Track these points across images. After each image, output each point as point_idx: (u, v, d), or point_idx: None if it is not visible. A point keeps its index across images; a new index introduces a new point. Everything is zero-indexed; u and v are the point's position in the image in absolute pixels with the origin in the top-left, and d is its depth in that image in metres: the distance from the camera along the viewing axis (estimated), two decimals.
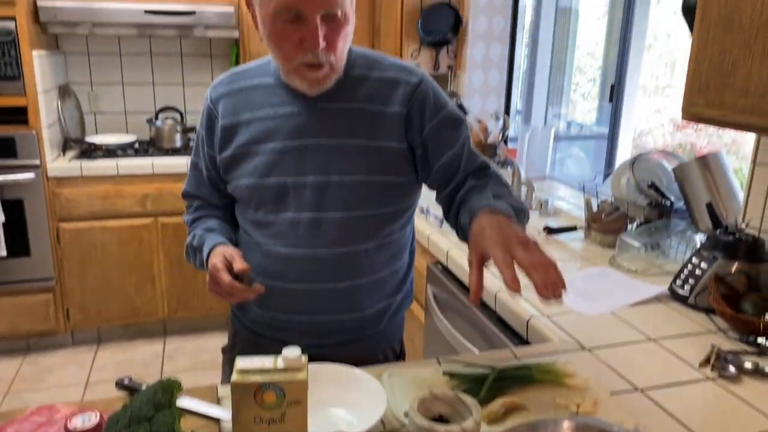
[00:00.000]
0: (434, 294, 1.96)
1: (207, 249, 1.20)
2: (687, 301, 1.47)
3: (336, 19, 1.08)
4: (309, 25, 1.06)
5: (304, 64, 1.10)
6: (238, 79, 1.25)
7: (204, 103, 1.28)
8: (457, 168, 1.22)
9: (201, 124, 1.29)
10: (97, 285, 3.08)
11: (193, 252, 1.28)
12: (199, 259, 1.25)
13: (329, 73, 1.12)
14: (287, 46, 1.09)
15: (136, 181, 3.03)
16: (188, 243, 1.29)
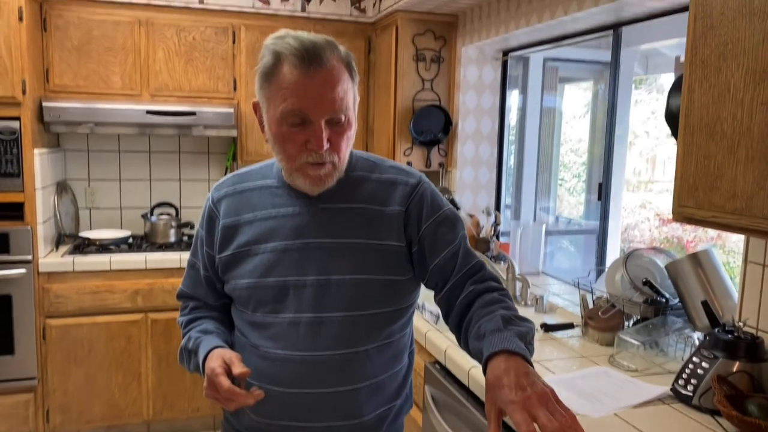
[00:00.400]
0: (432, 395, 1.91)
1: (203, 352, 1.17)
2: (691, 401, 1.44)
3: (340, 123, 1.13)
4: (314, 128, 1.10)
5: (307, 163, 1.13)
6: (240, 180, 1.28)
7: (205, 203, 1.30)
8: (453, 267, 1.22)
9: (201, 224, 1.30)
10: (80, 384, 2.98)
11: (187, 355, 1.24)
12: (194, 363, 1.22)
13: (332, 171, 1.16)
14: (292, 147, 1.13)
15: (128, 276, 3.01)
16: (182, 345, 1.26)
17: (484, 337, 1.05)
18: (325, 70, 1.09)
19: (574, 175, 4.92)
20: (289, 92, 1.09)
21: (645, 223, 5.63)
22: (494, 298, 1.16)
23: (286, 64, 1.09)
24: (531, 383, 0.91)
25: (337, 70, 1.11)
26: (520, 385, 0.91)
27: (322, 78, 1.09)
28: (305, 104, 1.09)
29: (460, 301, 1.19)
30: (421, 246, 1.21)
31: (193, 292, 1.32)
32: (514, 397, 0.89)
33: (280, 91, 1.10)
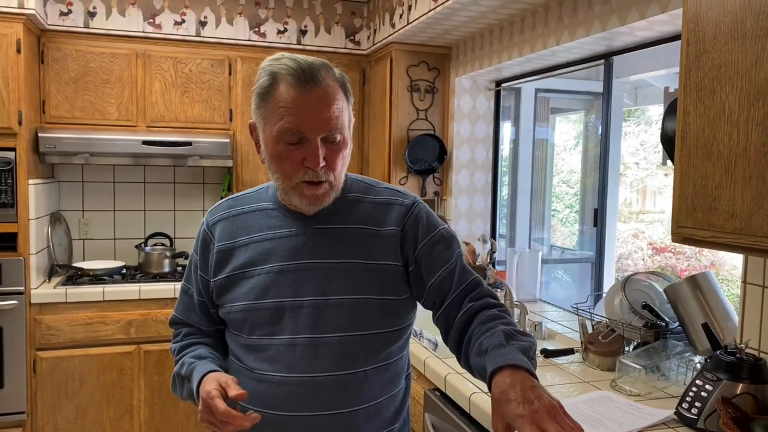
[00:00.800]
0: (433, 423, 1.88)
1: (198, 377, 1.15)
2: (696, 424, 1.43)
3: (336, 141, 1.14)
4: (311, 146, 1.12)
5: (303, 182, 1.14)
6: (235, 204, 1.28)
7: (199, 228, 1.30)
8: (450, 285, 1.22)
9: (195, 249, 1.29)
10: (71, 418, 2.91)
11: (180, 381, 1.23)
12: (187, 389, 1.20)
13: (328, 190, 1.16)
14: (288, 166, 1.14)
15: (121, 306, 2.97)
16: (176, 372, 1.24)
17: (486, 353, 1.04)
18: (321, 88, 1.11)
19: (566, 205, 4.96)
20: (286, 111, 1.10)
21: (638, 253, 5.65)
22: (493, 315, 1.15)
23: (282, 83, 1.11)
24: (538, 396, 0.90)
25: (333, 89, 1.13)
26: (527, 399, 0.90)
27: (318, 96, 1.10)
28: (302, 122, 1.10)
29: (458, 318, 1.18)
30: (418, 265, 1.22)
31: (187, 318, 1.31)
32: (522, 411, 0.89)
33: (277, 110, 1.11)
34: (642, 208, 6.05)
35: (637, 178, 5.80)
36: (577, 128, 4.40)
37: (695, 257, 5.04)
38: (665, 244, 5.41)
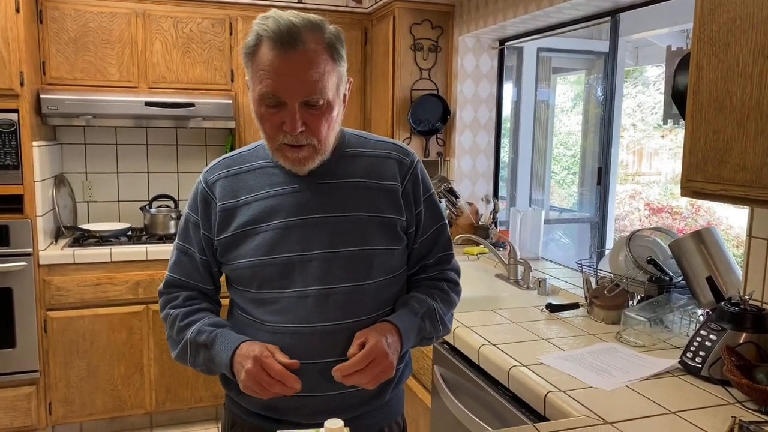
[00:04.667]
0: (442, 375, 1.93)
1: (230, 345, 1.16)
2: (700, 372, 1.48)
3: (317, 105, 1.13)
4: (288, 111, 1.12)
5: (284, 144, 1.16)
6: (233, 164, 1.28)
7: (196, 187, 1.28)
8: (429, 251, 1.32)
9: (193, 208, 1.27)
10: (83, 376, 2.97)
11: (195, 349, 1.21)
12: (205, 357, 1.20)
13: (311, 153, 1.17)
14: (269, 127, 1.15)
15: (128, 267, 3.00)
16: (190, 338, 1.21)
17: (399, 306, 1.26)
18: (300, 52, 1.09)
19: (563, 167, 4.98)
20: (265, 74, 1.10)
21: (635, 214, 5.70)
22: (441, 288, 1.31)
23: (264, 45, 1.11)
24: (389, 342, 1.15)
25: (314, 52, 1.10)
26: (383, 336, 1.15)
27: (297, 61, 1.09)
28: (279, 86, 1.10)
29: (419, 280, 1.33)
30: (417, 226, 1.28)
31: (188, 279, 1.28)
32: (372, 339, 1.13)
33: (258, 72, 1.12)
34: (638, 170, 6.08)
35: (634, 140, 5.81)
36: (575, 90, 4.39)
37: (692, 217, 5.09)
38: (662, 204, 5.45)
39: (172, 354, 1.26)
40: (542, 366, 1.57)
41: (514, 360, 1.61)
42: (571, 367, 1.56)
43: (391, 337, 1.16)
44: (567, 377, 1.50)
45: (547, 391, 1.42)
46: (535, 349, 1.69)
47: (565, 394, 1.40)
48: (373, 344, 1.11)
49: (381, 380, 1.13)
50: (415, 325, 1.22)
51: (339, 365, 1.10)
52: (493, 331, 1.86)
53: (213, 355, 1.18)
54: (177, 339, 1.24)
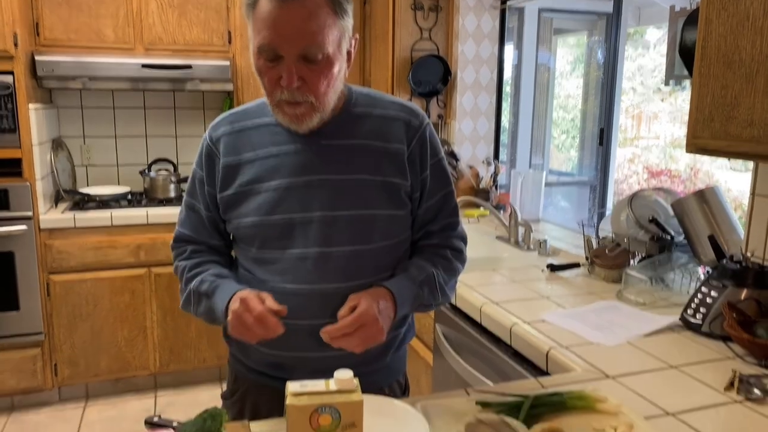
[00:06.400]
0: (444, 333, 1.95)
1: (227, 293, 1.17)
2: (700, 329, 1.49)
3: (316, 60, 1.09)
4: (286, 65, 1.09)
5: (283, 101, 1.13)
6: (237, 119, 1.26)
7: (202, 143, 1.27)
8: (434, 217, 1.29)
9: (199, 164, 1.27)
10: (87, 338, 3.00)
11: (197, 298, 1.23)
12: (206, 306, 1.21)
13: (309, 111, 1.14)
14: (267, 82, 1.13)
15: (129, 231, 3.00)
16: (193, 288, 1.23)
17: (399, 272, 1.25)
18: (298, 3, 1.06)
19: (562, 131, 4.96)
20: (263, 25, 1.07)
21: (633, 177, 5.70)
22: (444, 256, 1.28)
23: None
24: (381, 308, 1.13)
25: (314, 3, 1.07)
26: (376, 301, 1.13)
27: (294, 12, 1.06)
28: (276, 39, 1.07)
29: (423, 244, 1.30)
30: (422, 190, 1.25)
31: (196, 235, 1.28)
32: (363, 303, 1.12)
33: (256, 24, 1.09)
34: (636, 135, 6.06)
35: (633, 104, 5.77)
36: (574, 53, 4.34)
37: (690, 180, 5.09)
38: (661, 168, 5.45)
39: (180, 304, 1.29)
40: (544, 323, 1.59)
41: (516, 318, 1.62)
42: (572, 324, 1.57)
43: (384, 303, 1.15)
44: (569, 334, 1.51)
45: (549, 347, 1.44)
46: (537, 308, 1.71)
47: (567, 350, 1.42)
48: (364, 309, 1.10)
49: (369, 345, 1.12)
50: (412, 292, 1.21)
51: (327, 327, 1.09)
52: (494, 290, 1.87)
53: (212, 303, 1.19)
54: (184, 289, 1.26)
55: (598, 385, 1.22)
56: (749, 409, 1.16)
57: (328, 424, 0.78)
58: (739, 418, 1.13)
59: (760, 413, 1.14)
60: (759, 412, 1.15)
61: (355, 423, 0.79)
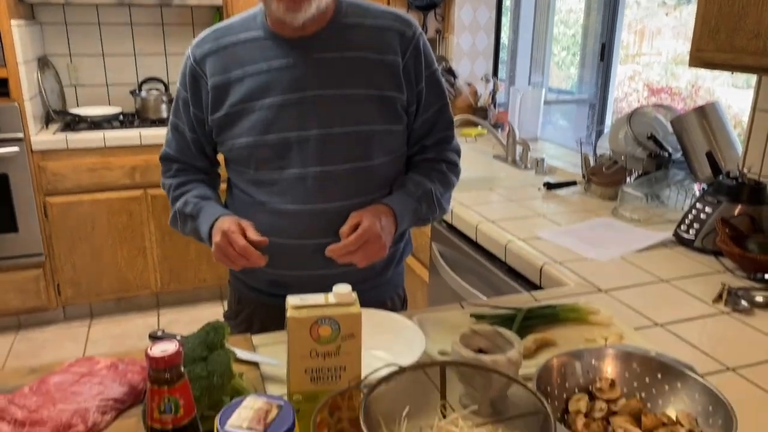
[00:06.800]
0: (440, 251, 1.98)
1: (210, 219, 1.17)
2: (693, 244, 1.52)
3: None
4: None
5: None
6: (222, 35, 1.20)
7: (185, 62, 1.23)
8: (430, 130, 1.27)
9: (183, 84, 1.23)
10: (87, 259, 3.04)
11: (183, 219, 1.24)
12: (191, 227, 1.23)
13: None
14: None
15: (123, 153, 2.97)
16: (178, 208, 1.24)
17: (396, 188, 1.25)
18: None
19: (562, 47, 4.82)
20: None
21: (633, 95, 5.62)
22: (440, 170, 1.28)
23: None
24: (383, 224, 1.14)
25: None
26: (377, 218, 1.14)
27: None
28: None
29: (419, 159, 1.29)
30: (418, 103, 1.23)
31: (181, 155, 1.27)
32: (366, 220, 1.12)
33: None
34: (638, 51, 5.91)
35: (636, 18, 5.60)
36: None
37: (691, 98, 5.02)
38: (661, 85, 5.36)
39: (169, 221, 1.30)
40: (539, 240, 1.61)
41: (511, 235, 1.64)
42: (567, 240, 1.59)
43: (385, 219, 1.16)
44: (563, 250, 1.54)
45: (543, 262, 1.46)
46: (532, 225, 1.72)
47: (561, 265, 1.44)
48: (367, 226, 1.11)
49: (373, 261, 1.14)
50: (411, 207, 1.22)
51: (332, 246, 1.10)
52: (490, 209, 1.88)
53: (196, 226, 1.21)
54: (172, 207, 1.27)
55: (590, 299, 1.25)
56: (735, 319, 1.19)
57: (328, 335, 0.79)
58: (725, 328, 1.17)
59: (746, 323, 1.18)
60: (745, 322, 1.18)
61: (354, 334, 0.81)
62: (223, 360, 0.82)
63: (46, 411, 0.84)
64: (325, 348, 0.80)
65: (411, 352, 0.99)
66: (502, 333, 0.95)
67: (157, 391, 0.59)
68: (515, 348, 0.91)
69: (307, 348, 0.80)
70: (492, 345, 0.96)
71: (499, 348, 0.95)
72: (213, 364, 0.81)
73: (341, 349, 0.81)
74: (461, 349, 0.91)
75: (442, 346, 1.05)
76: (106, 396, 0.89)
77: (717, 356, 1.06)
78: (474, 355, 0.89)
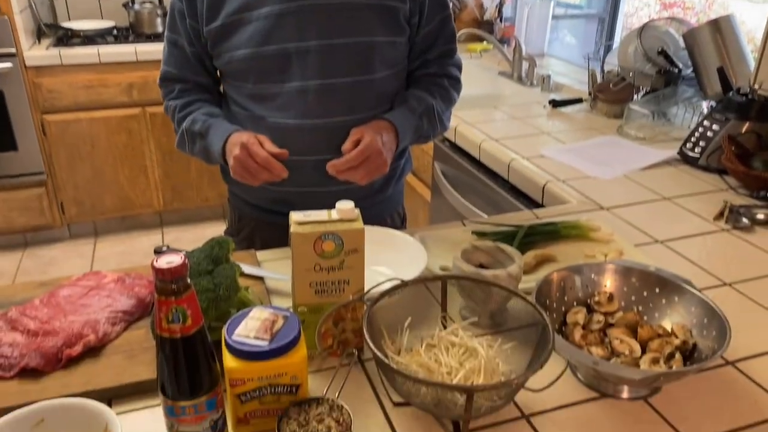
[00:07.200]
0: (442, 171, 1.97)
1: (223, 134, 1.14)
2: (698, 162, 1.51)
3: None
4: None
5: None
6: None
7: None
8: (432, 44, 1.23)
9: None
10: (89, 178, 3.04)
11: (191, 138, 1.20)
12: (200, 146, 1.19)
13: None
14: None
15: (119, 69, 2.90)
16: (185, 128, 1.20)
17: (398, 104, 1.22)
18: None
19: None
20: None
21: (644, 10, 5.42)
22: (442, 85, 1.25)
23: None
24: (385, 140, 1.12)
25: None
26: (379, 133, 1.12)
27: None
28: None
29: (420, 73, 1.26)
30: (420, 15, 1.18)
31: (181, 72, 1.22)
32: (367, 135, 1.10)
33: None
34: None
35: None
36: None
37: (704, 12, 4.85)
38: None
39: (175, 144, 1.27)
40: (542, 158, 1.59)
41: (515, 153, 1.63)
42: (571, 158, 1.58)
43: (387, 135, 1.13)
44: (567, 168, 1.53)
45: (546, 180, 1.46)
46: (536, 143, 1.71)
47: (564, 184, 1.44)
48: (369, 142, 1.08)
49: (374, 177, 1.12)
50: (413, 123, 1.20)
51: (333, 161, 1.08)
52: (494, 127, 1.86)
53: (207, 144, 1.17)
54: (177, 129, 1.24)
55: (592, 216, 1.26)
56: (735, 236, 1.20)
57: (332, 250, 0.80)
58: (724, 244, 1.18)
59: (746, 240, 1.19)
60: (744, 239, 1.19)
61: (357, 249, 0.81)
62: (229, 273, 0.83)
63: (58, 322, 0.87)
64: (329, 262, 0.81)
65: (413, 267, 1.01)
66: (503, 248, 0.96)
67: (165, 302, 0.60)
68: (516, 263, 0.92)
69: (311, 262, 0.81)
70: (493, 260, 0.97)
71: (499, 263, 0.96)
72: (219, 277, 0.83)
73: (345, 264, 0.82)
74: (462, 264, 0.92)
75: (444, 262, 1.07)
76: (114, 308, 0.91)
77: (715, 272, 1.08)
78: (475, 270, 0.90)
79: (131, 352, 0.85)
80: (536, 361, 0.73)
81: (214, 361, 0.65)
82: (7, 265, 2.96)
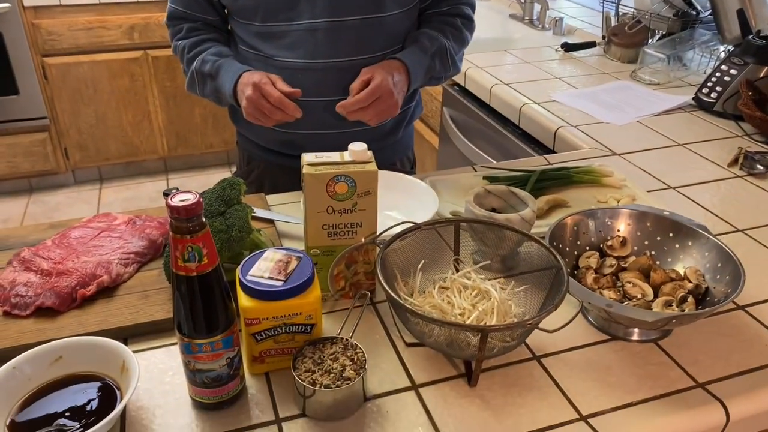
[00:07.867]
0: (451, 116, 1.94)
1: (234, 74, 1.11)
2: (713, 108, 1.48)
3: None
4: None
5: None
6: None
7: None
8: None
9: None
10: (92, 122, 3.01)
11: (201, 79, 1.18)
12: (211, 87, 1.17)
13: None
14: None
15: (119, 10, 2.83)
16: (195, 68, 1.18)
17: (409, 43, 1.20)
18: None
19: None
20: None
21: None
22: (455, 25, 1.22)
23: None
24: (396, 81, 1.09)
25: None
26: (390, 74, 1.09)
27: None
28: None
29: (428, 13, 1.23)
30: None
31: (189, 10, 1.19)
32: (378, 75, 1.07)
33: None
34: None
35: None
36: None
37: None
38: None
39: (185, 86, 1.24)
40: (554, 103, 1.56)
41: (526, 98, 1.60)
42: (583, 104, 1.55)
43: (398, 75, 1.10)
44: (579, 113, 1.50)
45: (557, 126, 1.44)
46: (548, 88, 1.67)
47: (576, 129, 1.42)
48: (379, 82, 1.06)
49: (384, 118, 1.10)
50: (425, 64, 1.16)
51: (342, 102, 1.05)
52: (505, 71, 1.82)
53: (218, 85, 1.15)
54: (186, 70, 1.20)
55: (604, 162, 1.24)
56: (749, 182, 1.19)
57: (345, 192, 0.79)
58: (737, 190, 1.17)
59: (760, 186, 1.17)
60: (757, 185, 1.18)
61: (371, 191, 0.80)
62: (241, 214, 0.83)
63: (71, 262, 0.87)
64: (342, 205, 0.80)
65: (424, 212, 1.00)
66: (516, 192, 0.96)
67: (180, 240, 0.59)
68: (529, 207, 0.91)
69: (323, 204, 0.80)
70: (505, 204, 0.97)
71: (512, 207, 0.95)
72: (231, 218, 0.82)
73: (357, 206, 0.81)
74: (475, 208, 0.91)
75: (455, 207, 1.06)
76: (126, 249, 0.91)
77: (728, 218, 1.07)
78: (488, 213, 0.90)
79: (145, 292, 0.85)
80: (550, 302, 0.73)
81: (230, 300, 0.66)
82: (14, 211, 2.97)
